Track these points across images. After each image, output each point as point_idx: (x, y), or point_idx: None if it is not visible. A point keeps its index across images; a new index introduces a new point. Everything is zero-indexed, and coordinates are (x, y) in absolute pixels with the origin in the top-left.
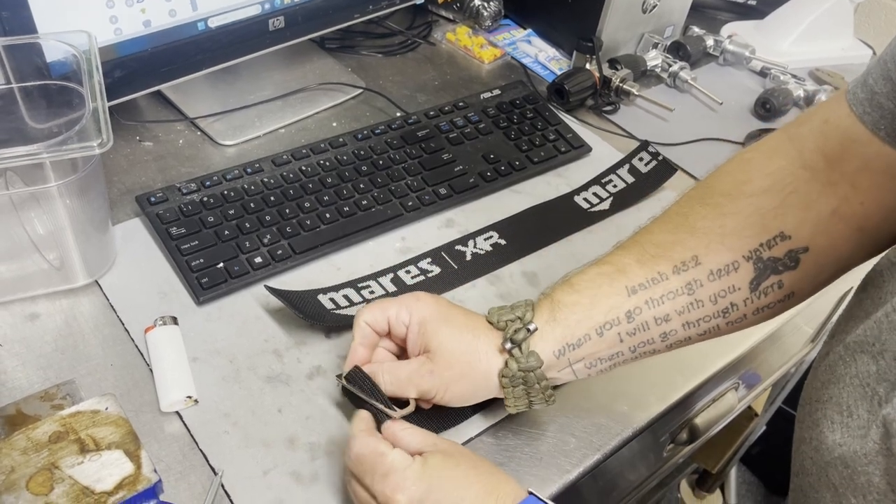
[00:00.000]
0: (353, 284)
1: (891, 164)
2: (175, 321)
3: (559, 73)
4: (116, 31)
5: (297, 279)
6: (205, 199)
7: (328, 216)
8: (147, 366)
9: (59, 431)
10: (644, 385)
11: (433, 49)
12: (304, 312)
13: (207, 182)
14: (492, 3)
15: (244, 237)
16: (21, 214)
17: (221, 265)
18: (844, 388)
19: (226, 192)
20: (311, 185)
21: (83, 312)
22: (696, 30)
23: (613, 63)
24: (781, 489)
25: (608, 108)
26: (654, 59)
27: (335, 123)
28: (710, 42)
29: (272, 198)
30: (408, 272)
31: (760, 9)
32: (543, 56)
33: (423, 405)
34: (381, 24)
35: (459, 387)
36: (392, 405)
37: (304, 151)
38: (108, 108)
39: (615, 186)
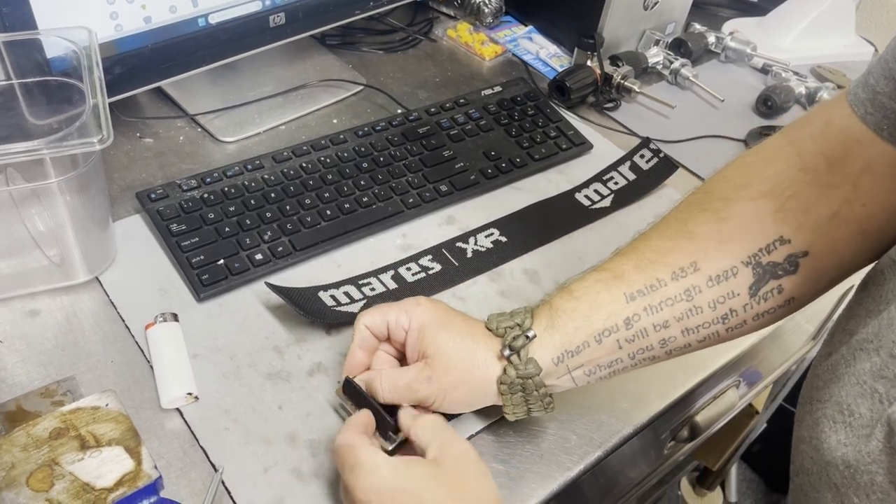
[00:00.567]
0: (354, 281)
1: (893, 165)
2: (175, 318)
3: (560, 70)
4: (117, 28)
5: (298, 276)
6: (205, 196)
7: (329, 213)
8: (147, 362)
9: (60, 428)
10: (645, 382)
11: (434, 46)
12: (305, 309)
13: (208, 179)
14: (493, 0)
15: (245, 234)
16: (21, 211)
17: (222, 262)
18: (844, 388)
19: (226, 189)
20: (312, 182)
21: (83, 309)
22: (698, 27)
23: (615, 60)
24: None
25: (609, 105)
26: (656, 56)
27: (336, 120)
28: (712, 39)
29: (273, 194)
30: (409, 269)
31: (762, 5)
32: (544, 53)
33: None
34: (382, 21)
35: (458, 393)
36: (387, 416)
37: (305, 148)
38: (109, 105)
39: (616, 184)
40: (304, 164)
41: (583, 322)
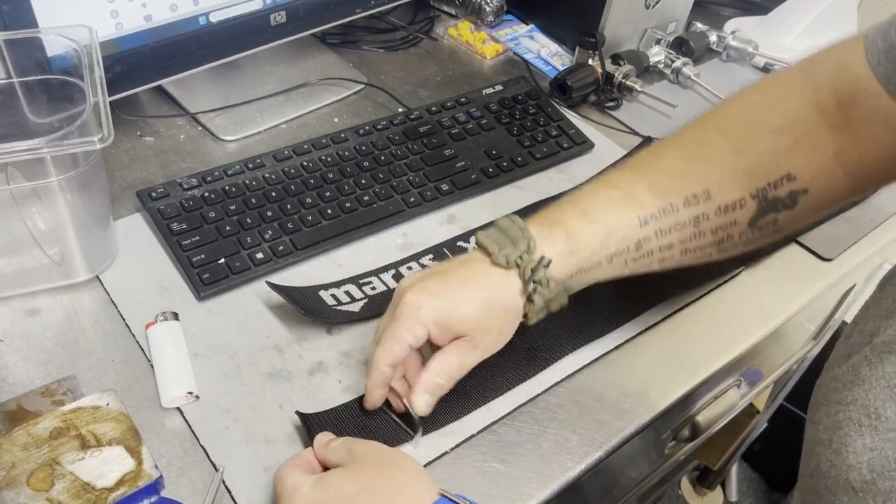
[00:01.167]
0: (355, 280)
1: (893, 119)
2: (176, 317)
3: (561, 69)
4: (117, 26)
5: (299, 275)
6: (206, 195)
7: (329, 212)
8: (148, 361)
9: (60, 427)
10: (646, 382)
11: (435, 44)
12: (306, 308)
13: (208, 177)
14: None
15: (245, 233)
16: (22, 209)
17: (222, 261)
18: (871, 391)
19: (227, 188)
20: (313, 181)
21: (84, 308)
22: (700, 25)
23: (616, 59)
24: (782, 486)
25: (611, 104)
26: (657, 55)
27: (337, 119)
28: (714, 38)
29: (273, 193)
30: (409, 268)
31: (764, 4)
32: (546, 52)
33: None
34: (383, 20)
35: (498, 340)
36: (402, 424)
37: (306, 147)
38: (109, 103)
39: None
40: (305, 163)
41: (599, 247)
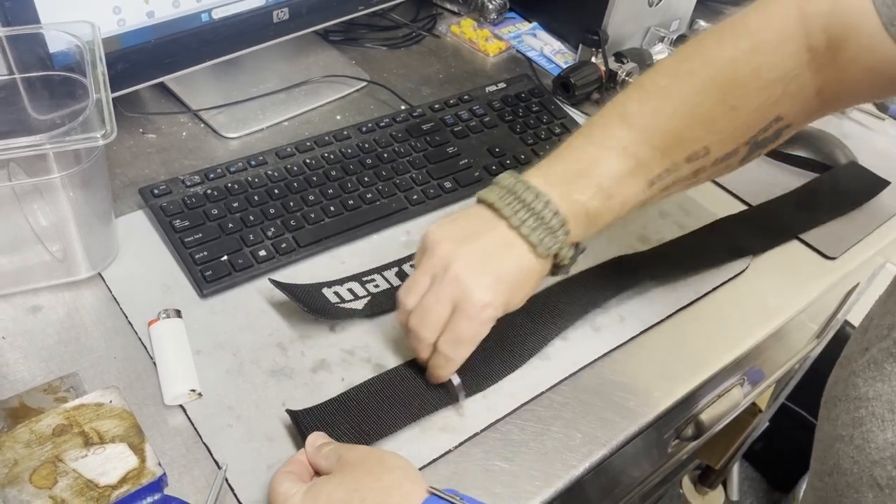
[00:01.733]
0: (358, 278)
1: (883, 62)
2: (178, 314)
3: (565, 67)
4: (120, 22)
5: (302, 272)
6: (208, 192)
7: (332, 209)
8: (150, 359)
9: (63, 424)
10: (650, 380)
11: (438, 42)
12: (309, 306)
13: (211, 174)
14: None
15: (248, 230)
16: (24, 206)
17: (225, 258)
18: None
19: (229, 185)
20: (316, 178)
21: (86, 305)
22: (703, 23)
23: (619, 57)
24: (783, 485)
25: None
26: (661, 53)
27: (339, 116)
28: None
29: (276, 190)
30: (412, 266)
31: None
32: (549, 49)
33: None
34: (386, 17)
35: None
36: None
37: (308, 144)
38: (112, 100)
39: None
40: (308, 161)
41: (613, 218)
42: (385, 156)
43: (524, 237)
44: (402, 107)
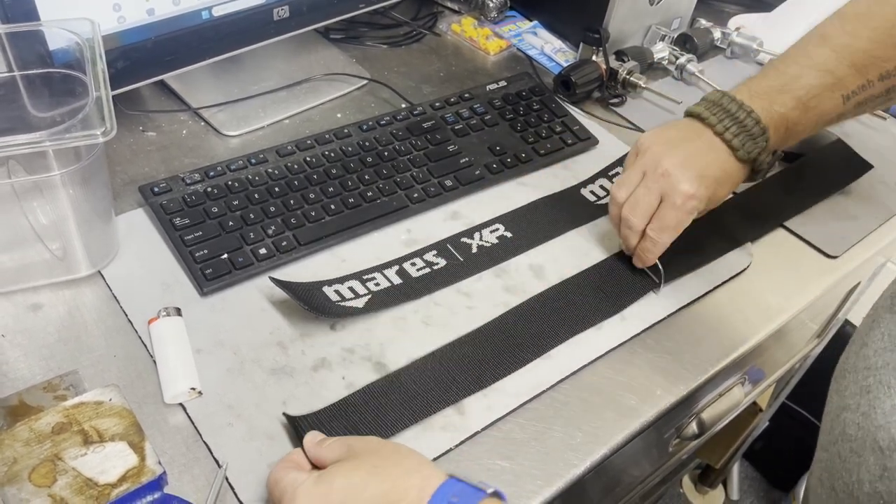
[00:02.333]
0: (359, 276)
1: None
2: (179, 312)
3: (565, 65)
4: (120, 20)
5: (302, 271)
6: (209, 190)
7: (333, 207)
8: (150, 357)
9: (63, 422)
10: (651, 379)
11: (438, 40)
12: (309, 304)
13: (211, 172)
14: None
15: (248, 228)
16: (23, 204)
17: (225, 256)
18: None
19: (230, 183)
20: (316, 177)
21: (86, 303)
22: (703, 22)
23: (620, 55)
24: (783, 484)
25: (615, 101)
26: (661, 52)
27: (340, 114)
28: (718, 34)
29: (277, 189)
30: (413, 264)
31: (768, 1)
32: (549, 48)
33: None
34: (386, 15)
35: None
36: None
37: (309, 142)
38: (112, 98)
39: None
40: (308, 159)
41: (811, 129)
42: (386, 154)
43: (727, 142)
44: (403, 105)
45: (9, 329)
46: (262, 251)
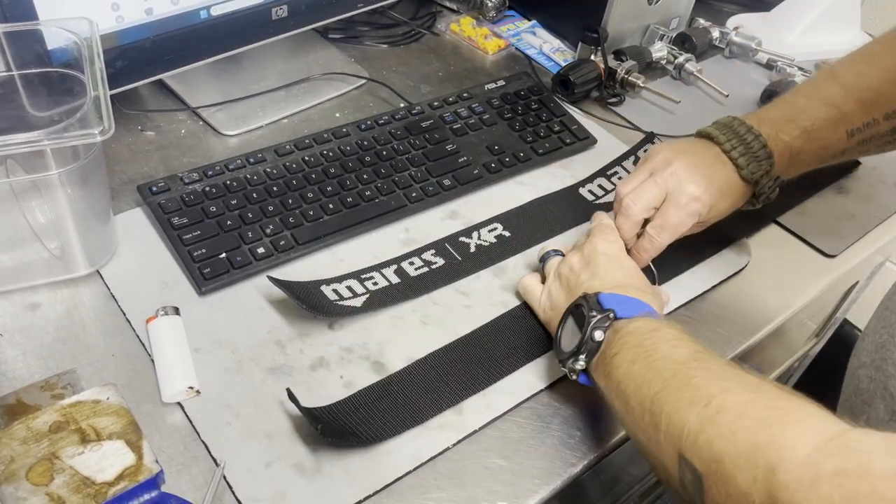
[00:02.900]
0: (357, 275)
1: None
2: (177, 311)
3: (564, 65)
4: (118, 19)
5: (300, 270)
6: (207, 189)
7: (331, 207)
8: (148, 356)
9: (60, 421)
10: None
11: (437, 40)
12: (308, 303)
13: (210, 172)
14: None
15: (247, 227)
16: (22, 203)
17: (224, 255)
18: None
19: (228, 182)
20: (315, 176)
21: (84, 302)
22: (702, 21)
23: (619, 54)
24: None
25: (613, 100)
26: (660, 51)
27: (338, 114)
28: (716, 34)
29: (275, 188)
30: (411, 263)
31: (767, 0)
32: (548, 47)
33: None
34: (385, 15)
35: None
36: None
37: (308, 141)
38: (110, 97)
39: (620, 178)
40: (307, 158)
41: (814, 160)
42: (384, 153)
43: (733, 160)
44: (402, 104)
45: (7, 328)
46: (261, 250)
